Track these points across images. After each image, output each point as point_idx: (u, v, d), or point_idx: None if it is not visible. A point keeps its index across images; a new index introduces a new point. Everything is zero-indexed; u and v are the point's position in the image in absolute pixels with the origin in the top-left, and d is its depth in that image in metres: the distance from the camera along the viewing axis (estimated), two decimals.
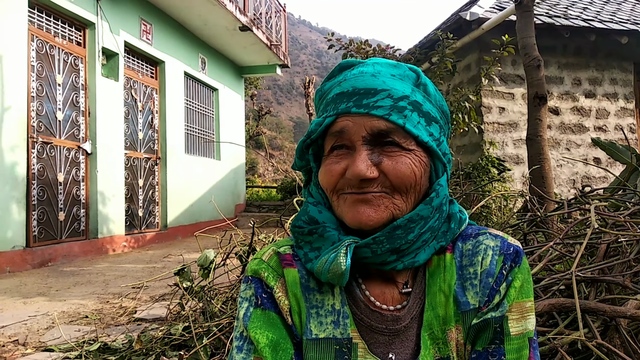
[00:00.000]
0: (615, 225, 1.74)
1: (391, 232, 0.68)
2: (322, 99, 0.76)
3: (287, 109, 78.69)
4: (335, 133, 0.70)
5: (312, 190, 0.77)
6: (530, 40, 3.51)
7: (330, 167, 0.71)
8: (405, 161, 0.68)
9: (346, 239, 0.68)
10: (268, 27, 10.65)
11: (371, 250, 0.68)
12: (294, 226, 0.75)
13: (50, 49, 5.79)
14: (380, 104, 0.68)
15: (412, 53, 6.68)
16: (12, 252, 5.03)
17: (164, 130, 8.15)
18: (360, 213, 0.68)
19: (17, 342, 2.80)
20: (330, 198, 0.73)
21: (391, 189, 0.69)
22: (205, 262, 2.73)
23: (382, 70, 0.72)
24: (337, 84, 0.73)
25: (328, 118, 0.71)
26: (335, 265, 0.66)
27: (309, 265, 0.71)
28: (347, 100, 0.69)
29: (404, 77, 0.72)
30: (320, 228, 0.71)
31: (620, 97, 7.52)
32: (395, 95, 0.69)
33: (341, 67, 0.76)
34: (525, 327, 0.69)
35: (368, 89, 0.69)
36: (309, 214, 0.74)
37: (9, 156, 5.04)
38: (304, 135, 0.75)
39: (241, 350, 0.70)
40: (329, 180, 0.71)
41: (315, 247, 0.71)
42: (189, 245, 7.26)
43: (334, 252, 0.67)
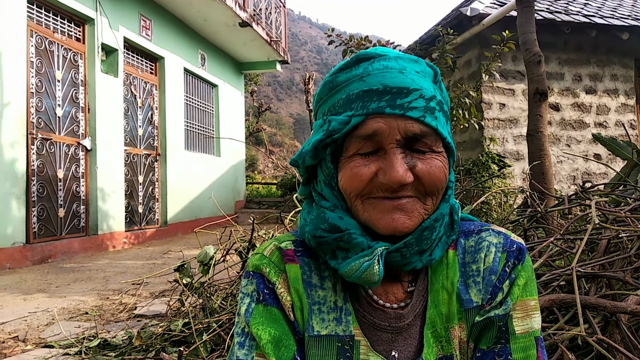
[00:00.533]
0: (616, 221, 1.74)
1: (420, 234, 0.67)
2: (334, 92, 0.70)
3: (287, 106, 78.61)
4: (365, 136, 0.65)
5: (324, 192, 0.72)
6: (531, 36, 3.50)
7: (359, 170, 0.66)
8: (437, 164, 0.66)
9: (378, 246, 0.66)
10: (268, 23, 10.62)
11: (401, 254, 0.67)
12: (314, 237, 0.70)
13: (49, 45, 5.78)
14: (414, 104, 0.64)
15: (412, 49, 6.66)
16: (12, 249, 5.03)
17: (164, 126, 8.14)
18: (395, 220, 0.65)
19: (17, 338, 2.80)
20: (352, 202, 0.69)
21: (423, 193, 0.67)
22: (205, 258, 2.73)
23: (407, 67, 0.68)
24: (357, 78, 0.68)
25: (355, 118, 0.65)
26: (369, 274, 0.64)
27: (332, 263, 0.69)
28: (379, 99, 0.65)
29: (426, 74, 0.69)
30: (346, 236, 0.67)
31: (621, 93, 7.51)
32: (426, 95, 0.65)
33: (358, 59, 0.70)
34: (531, 326, 0.68)
35: (400, 87, 0.65)
36: (329, 222, 0.69)
37: (8, 152, 5.03)
38: (322, 133, 0.69)
39: (243, 346, 0.69)
40: (357, 185, 0.66)
41: (343, 248, 0.69)
42: (188, 242, 7.26)
43: (367, 260, 0.65)
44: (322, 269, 0.73)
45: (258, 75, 20.42)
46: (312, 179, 0.76)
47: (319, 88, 0.75)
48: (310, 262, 0.73)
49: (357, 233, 0.67)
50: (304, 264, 0.73)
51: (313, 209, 0.73)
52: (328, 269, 0.73)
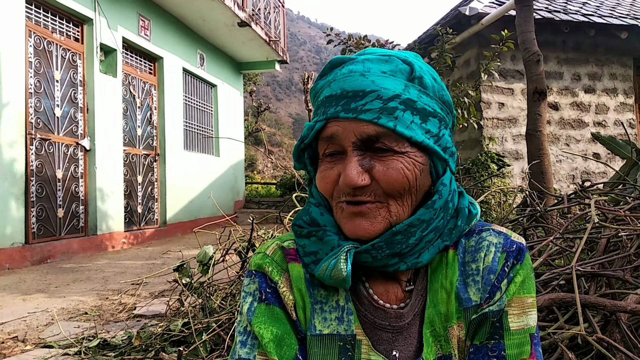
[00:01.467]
0: (615, 220, 1.73)
1: (390, 237, 0.66)
2: (315, 99, 0.74)
3: (286, 105, 78.57)
4: (326, 139, 0.68)
5: (314, 191, 0.76)
6: (529, 35, 3.50)
7: (325, 173, 0.69)
8: (396, 166, 0.65)
9: (345, 245, 0.67)
10: (267, 22, 10.61)
11: (371, 256, 0.67)
12: (294, 224, 0.74)
13: (47, 45, 5.77)
14: (368, 107, 0.64)
15: (411, 48, 6.67)
16: (11, 249, 5.03)
17: (163, 126, 8.13)
18: (356, 226, 0.67)
19: (17, 338, 2.79)
20: (330, 202, 0.72)
21: (384, 196, 0.66)
22: (205, 258, 2.73)
23: (372, 68, 0.68)
24: (327, 84, 0.70)
25: (318, 123, 0.69)
26: (337, 272, 0.65)
27: (310, 268, 0.71)
28: (336, 103, 0.67)
29: (396, 72, 0.68)
30: (321, 231, 0.70)
31: (620, 92, 7.51)
32: (385, 95, 0.65)
33: (332, 65, 0.72)
34: (527, 323, 0.68)
35: (356, 90, 0.66)
36: (311, 215, 0.73)
37: (7, 153, 5.02)
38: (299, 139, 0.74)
39: (245, 345, 0.69)
40: (325, 187, 0.70)
41: (309, 252, 0.71)
42: (188, 242, 7.25)
43: (334, 258, 0.66)
44: None
45: (257, 75, 20.42)
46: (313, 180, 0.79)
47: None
48: None
49: (331, 231, 0.70)
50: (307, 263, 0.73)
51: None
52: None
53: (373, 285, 0.72)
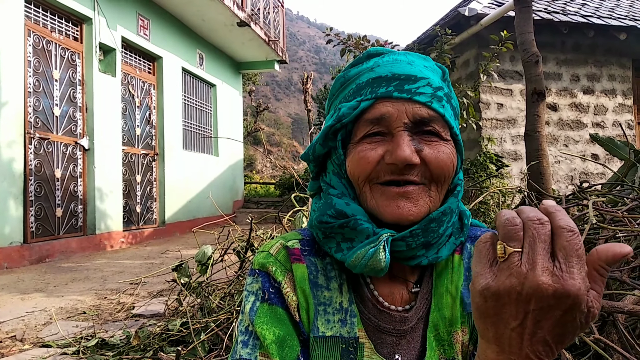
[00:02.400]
0: (613, 221, 1.74)
1: (427, 224, 0.66)
2: (346, 85, 0.73)
3: (285, 105, 78.54)
4: (374, 119, 0.67)
5: (332, 181, 0.72)
6: (528, 36, 3.50)
7: (366, 153, 0.67)
8: (445, 150, 0.67)
9: (383, 232, 0.66)
10: (266, 22, 10.61)
11: (406, 244, 0.66)
12: (320, 222, 0.71)
13: (47, 45, 5.76)
14: (422, 90, 0.66)
15: (410, 49, 6.67)
16: (10, 248, 5.02)
17: (162, 126, 8.13)
18: (400, 207, 0.66)
19: (15, 337, 2.79)
20: (360, 188, 0.69)
21: (429, 180, 0.67)
22: (203, 258, 2.73)
23: (416, 61, 0.70)
24: (367, 70, 0.70)
25: (365, 102, 0.67)
26: (375, 261, 0.64)
27: (339, 255, 0.69)
28: (387, 84, 0.67)
29: (434, 70, 0.72)
30: (352, 221, 0.67)
31: (619, 94, 7.52)
32: (434, 84, 0.68)
33: (369, 54, 0.73)
34: None
35: (408, 75, 0.67)
36: (336, 207, 0.69)
37: (6, 152, 5.02)
38: (332, 119, 0.70)
39: (247, 345, 0.68)
40: (364, 167, 0.67)
41: (347, 238, 0.69)
42: (187, 241, 7.25)
43: (372, 247, 0.64)
44: (328, 269, 0.72)
45: (256, 75, 20.41)
46: (322, 173, 0.77)
47: (332, 85, 0.77)
48: (316, 262, 0.73)
49: (363, 219, 0.68)
50: (311, 263, 0.72)
51: (321, 199, 0.74)
52: (334, 270, 0.72)
53: (378, 287, 0.71)
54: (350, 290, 0.71)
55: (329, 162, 0.74)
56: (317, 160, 0.75)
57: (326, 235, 0.71)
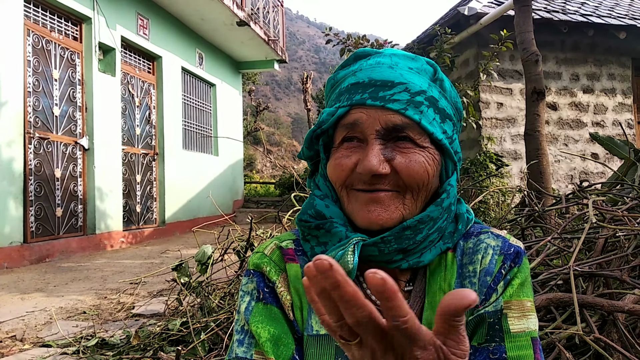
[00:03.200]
0: (613, 220, 1.74)
1: (400, 232, 0.66)
2: (334, 88, 0.74)
3: (285, 105, 78.53)
4: (348, 125, 0.68)
5: (319, 182, 0.75)
6: (528, 35, 3.50)
7: (341, 160, 0.68)
8: (418, 159, 0.66)
9: (354, 237, 0.67)
10: (266, 22, 10.61)
11: (378, 249, 0.67)
12: (300, 220, 0.73)
13: (46, 44, 5.76)
14: (397, 97, 0.66)
15: (410, 48, 6.67)
16: (10, 248, 5.02)
17: (162, 125, 8.12)
18: (370, 212, 0.66)
19: (15, 337, 2.79)
20: (339, 193, 0.71)
21: (402, 188, 0.67)
22: (203, 257, 2.73)
23: (400, 63, 0.70)
24: (351, 73, 0.71)
25: (341, 109, 0.68)
26: (342, 263, 0.65)
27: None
28: (363, 91, 0.67)
29: (421, 71, 0.70)
30: (328, 223, 0.69)
31: (618, 93, 7.52)
32: (413, 89, 0.67)
33: (357, 56, 0.73)
34: (527, 326, 0.68)
35: (385, 80, 0.67)
36: (316, 208, 0.71)
37: (5, 152, 5.02)
38: (315, 124, 0.72)
39: (242, 344, 0.69)
40: (339, 174, 0.68)
41: (322, 242, 0.70)
42: (186, 241, 7.25)
43: (341, 250, 0.66)
44: None
45: (256, 75, 20.41)
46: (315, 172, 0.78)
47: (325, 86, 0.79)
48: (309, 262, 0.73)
49: (338, 222, 0.69)
50: (304, 263, 0.73)
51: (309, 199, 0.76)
52: None
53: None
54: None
55: (320, 163, 0.76)
56: (311, 160, 0.77)
57: (304, 237, 0.73)
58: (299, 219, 0.73)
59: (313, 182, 0.77)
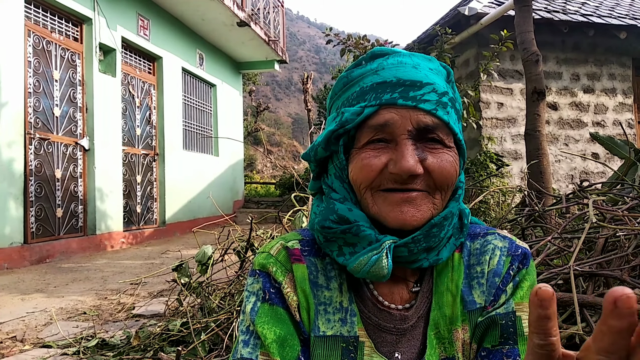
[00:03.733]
0: (613, 220, 1.74)
1: (429, 230, 0.66)
2: (350, 87, 0.72)
3: (285, 105, 78.52)
4: (377, 126, 0.66)
5: (334, 184, 0.72)
6: (528, 36, 3.50)
7: (370, 161, 0.67)
8: (448, 159, 0.67)
9: (386, 239, 0.66)
10: (266, 22, 10.61)
11: (408, 250, 0.66)
12: (322, 227, 0.70)
13: (47, 45, 5.76)
14: (427, 97, 0.65)
15: (410, 48, 6.67)
16: (10, 249, 5.02)
17: (162, 126, 8.13)
18: (404, 213, 0.65)
19: (15, 338, 2.79)
20: (362, 194, 0.69)
21: (432, 188, 0.67)
22: (204, 258, 2.73)
23: (421, 63, 0.69)
24: (372, 72, 0.69)
25: (368, 108, 0.67)
26: (378, 268, 0.64)
27: (340, 259, 0.69)
28: (392, 90, 0.66)
29: (439, 73, 0.71)
30: (354, 227, 0.67)
31: (619, 92, 7.52)
32: (439, 90, 0.67)
33: (373, 55, 0.72)
34: None
35: (414, 80, 0.66)
36: (338, 213, 0.69)
37: (6, 152, 5.02)
38: (335, 124, 0.70)
39: (247, 344, 0.68)
40: (367, 175, 0.67)
41: (350, 243, 0.69)
42: (187, 242, 7.25)
43: (376, 254, 0.65)
44: (328, 269, 0.72)
45: (256, 75, 20.42)
46: (323, 173, 0.76)
47: (334, 84, 0.76)
48: (316, 262, 0.73)
49: (365, 225, 0.67)
50: (311, 264, 0.73)
51: (323, 202, 0.73)
52: (334, 269, 0.72)
53: (378, 287, 0.72)
54: (350, 289, 0.71)
55: (331, 164, 0.73)
56: (319, 161, 0.75)
57: (327, 239, 0.71)
58: (320, 225, 0.71)
59: (325, 184, 0.75)
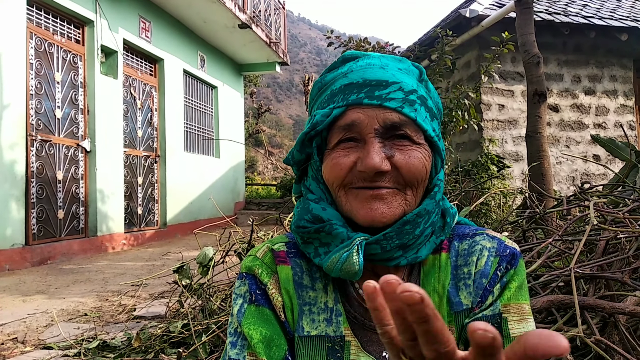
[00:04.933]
0: (614, 222, 1.74)
1: (401, 227, 0.67)
2: (323, 91, 0.74)
3: (286, 107, 78.56)
4: (345, 126, 0.67)
5: (312, 186, 0.74)
6: (529, 38, 3.50)
7: (339, 160, 0.68)
8: (417, 155, 0.67)
9: (357, 237, 0.67)
10: (267, 24, 10.63)
11: (381, 247, 0.67)
12: (297, 227, 0.72)
13: (49, 47, 5.78)
14: (392, 96, 0.66)
15: (411, 50, 6.67)
16: (11, 250, 5.03)
17: (163, 128, 8.14)
18: (373, 210, 0.66)
19: (16, 340, 2.79)
20: (336, 193, 0.70)
21: (402, 184, 0.68)
22: (205, 259, 2.73)
23: (390, 64, 0.71)
24: (341, 75, 0.71)
25: (336, 109, 0.68)
26: (349, 264, 0.65)
27: (317, 260, 0.70)
28: (358, 91, 0.67)
29: (409, 72, 0.72)
30: (327, 226, 0.69)
31: (620, 94, 7.51)
32: (406, 88, 0.68)
33: (344, 59, 0.74)
34: (526, 330, 0.68)
35: (379, 80, 0.67)
36: (312, 212, 0.71)
37: (8, 154, 5.03)
38: (307, 126, 0.72)
39: (235, 346, 0.70)
40: (337, 174, 0.68)
41: (324, 243, 0.70)
42: (188, 243, 7.26)
43: (346, 251, 0.66)
44: (313, 270, 0.73)
45: (257, 77, 20.44)
46: (304, 177, 0.78)
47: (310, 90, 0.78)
48: (302, 264, 0.74)
49: (338, 224, 0.69)
50: (296, 265, 0.74)
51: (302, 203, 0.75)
52: (319, 271, 0.73)
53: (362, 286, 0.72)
54: (336, 290, 0.72)
55: (309, 167, 0.75)
56: (299, 165, 0.77)
57: (304, 241, 0.72)
58: (296, 225, 0.73)
59: (303, 186, 0.77)
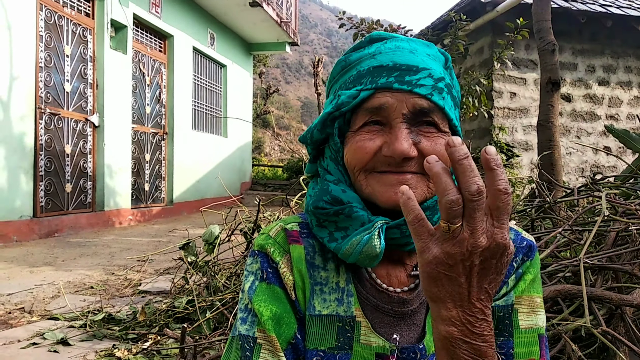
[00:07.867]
0: (625, 214, 1.72)
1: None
2: (347, 70, 0.72)
3: (295, 89, 78.11)
4: (372, 109, 0.67)
5: (329, 167, 0.74)
6: (546, 24, 3.44)
7: (364, 143, 0.67)
8: (443, 143, 0.66)
9: (378, 220, 0.67)
10: (278, 3, 10.50)
11: (400, 231, 0.66)
12: (316, 208, 0.71)
13: (58, 20, 5.74)
14: (423, 82, 0.66)
15: (424, 34, 6.58)
16: (20, 222, 5.08)
17: (172, 105, 8.12)
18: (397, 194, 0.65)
19: (24, 309, 2.84)
20: (356, 176, 0.70)
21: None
22: (210, 237, 2.74)
23: (419, 48, 0.70)
24: (369, 56, 0.70)
25: (364, 91, 0.67)
26: (370, 247, 0.65)
27: (332, 245, 0.70)
28: (388, 74, 0.67)
29: (437, 58, 0.71)
30: (347, 208, 0.68)
31: (635, 86, 7.40)
32: (435, 75, 0.67)
33: (372, 39, 0.72)
34: (536, 323, 0.69)
35: (410, 65, 0.66)
36: (332, 194, 0.70)
37: (17, 126, 5.04)
38: (330, 106, 0.71)
39: (245, 322, 0.70)
40: (362, 157, 0.68)
41: (341, 227, 0.70)
42: (194, 221, 7.30)
43: (367, 234, 0.65)
44: (325, 250, 0.73)
45: (267, 57, 20.28)
46: (320, 156, 0.77)
47: (333, 67, 0.76)
48: (314, 244, 0.74)
49: (358, 207, 0.68)
50: (309, 245, 0.74)
51: (318, 184, 0.75)
52: (332, 251, 0.73)
53: (375, 269, 0.72)
54: (348, 271, 0.72)
55: (327, 147, 0.74)
56: (315, 144, 0.76)
57: (319, 224, 0.72)
58: (314, 206, 0.72)
59: (320, 166, 0.76)
